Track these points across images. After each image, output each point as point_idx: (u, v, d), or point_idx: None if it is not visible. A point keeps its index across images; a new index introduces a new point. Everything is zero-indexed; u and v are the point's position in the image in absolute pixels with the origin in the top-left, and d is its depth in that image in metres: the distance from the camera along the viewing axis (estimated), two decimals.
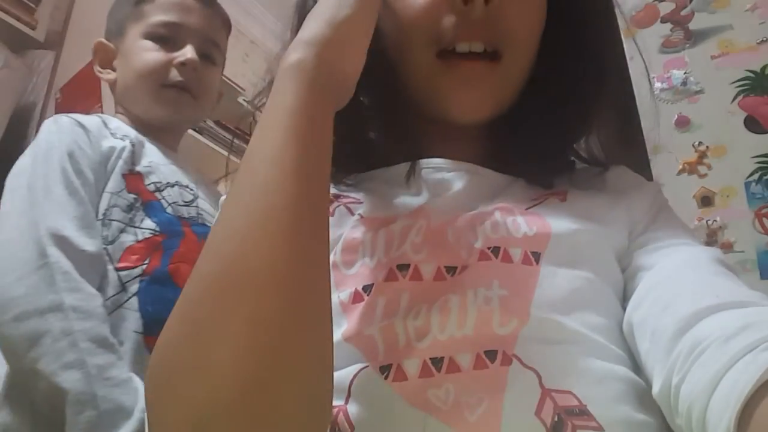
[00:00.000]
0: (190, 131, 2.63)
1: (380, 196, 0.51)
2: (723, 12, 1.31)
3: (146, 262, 0.80)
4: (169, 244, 0.83)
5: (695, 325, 0.37)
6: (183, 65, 0.94)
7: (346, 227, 0.47)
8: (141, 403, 0.66)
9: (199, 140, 2.54)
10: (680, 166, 1.27)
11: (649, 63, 1.31)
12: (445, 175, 0.51)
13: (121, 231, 0.81)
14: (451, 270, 0.43)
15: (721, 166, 1.23)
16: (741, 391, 0.30)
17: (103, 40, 1.02)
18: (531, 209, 0.48)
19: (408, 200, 0.50)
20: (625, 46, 0.71)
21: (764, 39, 1.26)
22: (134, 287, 0.78)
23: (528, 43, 0.52)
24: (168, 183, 0.90)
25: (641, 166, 1.22)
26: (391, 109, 0.56)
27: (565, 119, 0.54)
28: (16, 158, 0.86)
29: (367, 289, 0.43)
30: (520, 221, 0.46)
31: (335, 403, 0.39)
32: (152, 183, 0.88)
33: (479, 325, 0.40)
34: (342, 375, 0.40)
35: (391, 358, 0.39)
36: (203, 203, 0.94)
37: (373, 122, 0.55)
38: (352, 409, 0.38)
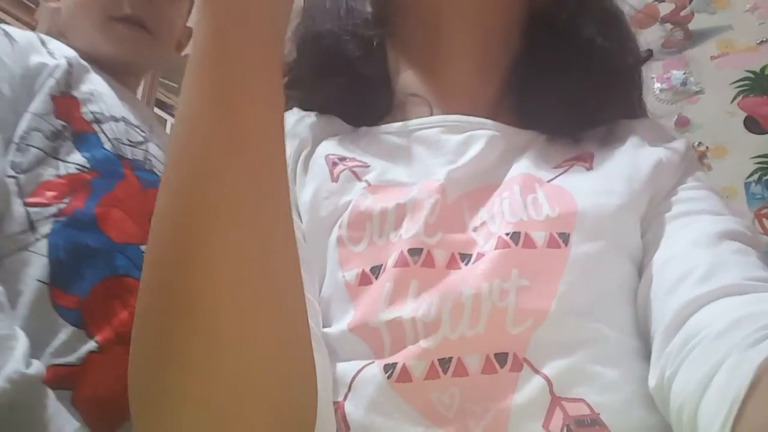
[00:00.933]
0: None
1: (390, 158, 0.48)
2: (723, 12, 1.31)
3: (66, 200, 0.66)
4: (101, 184, 0.69)
5: (692, 316, 0.36)
6: None
7: (352, 194, 0.44)
8: (12, 366, 0.54)
9: None
10: None
11: (649, 63, 1.31)
12: (461, 134, 0.47)
13: (41, 161, 0.67)
14: (466, 258, 0.41)
15: (720, 167, 1.23)
16: (733, 399, 0.30)
17: None
18: (554, 181, 0.45)
19: (421, 164, 0.47)
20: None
21: (764, 39, 1.26)
22: (45, 228, 0.64)
23: None
24: (112, 116, 0.76)
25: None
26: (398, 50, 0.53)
27: (586, 57, 0.50)
28: None
29: (375, 271, 0.41)
30: (541, 199, 0.43)
31: (334, 398, 0.38)
32: (91, 112, 0.74)
33: (491, 323, 0.38)
34: (346, 368, 0.39)
35: (397, 356, 0.38)
36: (155, 149, 0.80)
37: (382, 67, 0.52)
38: (350, 407, 0.37)
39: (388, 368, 0.37)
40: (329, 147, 0.48)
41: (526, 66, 0.51)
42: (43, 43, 0.76)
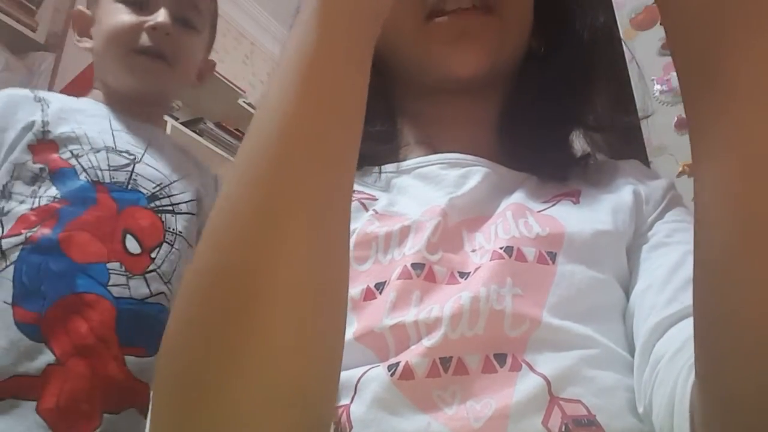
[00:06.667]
0: (190, 133, 2.63)
1: (395, 192, 0.51)
2: None
3: (34, 229, 0.75)
4: (69, 211, 0.77)
5: (658, 341, 0.38)
6: (154, 30, 0.88)
7: (359, 222, 0.46)
8: None
9: (200, 142, 2.54)
10: (680, 168, 1.27)
11: (648, 65, 1.31)
12: (460, 170, 0.50)
13: (21, 203, 0.77)
14: (465, 275, 0.43)
15: None
16: (686, 416, 0.31)
17: (81, 7, 0.98)
18: (544, 212, 0.48)
19: (423, 196, 0.49)
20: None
21: None
22: (14, 255, 0.73)
23: (521, 2, 0.53)
24: (93, 148, 0.83)
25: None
26: (389, 98, 0.56)
27: (567, 102, 0.54)
28: None
29: (379, 286, 0.42)
30: (531, 222, 0.45)
31: (342, 402, 0.39)
32: (69, 150, 0.82)
33: (490, 325, 0.39)
34: (351, 374, 0.39)
35: (401, 356, 0.39)
36: (143, 168, 0.86)
37: (379, 114, 0.55)
38: (355, 407, 0.38)
39: (392, 367, 0.38)
40: None
41: (517, 114, 0.55)
42: (36, 99, 0.86)
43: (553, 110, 0.54)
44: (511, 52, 0.54)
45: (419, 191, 0.50)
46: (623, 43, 1.34)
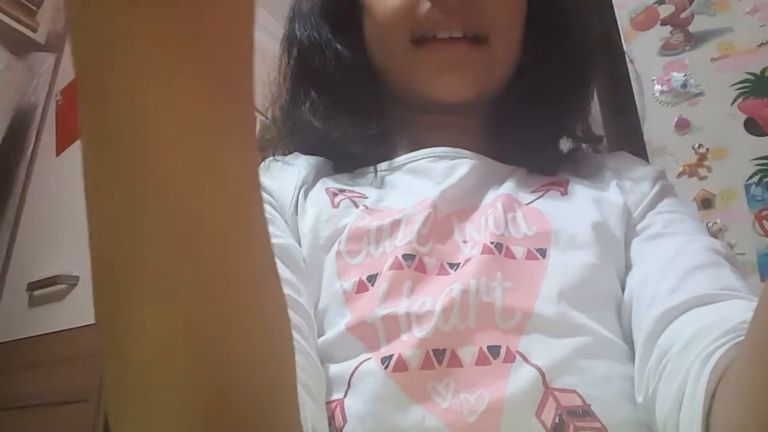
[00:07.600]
0: None
1: (385, 188, 0.51)
2: (723, 15, 1.31)
3: None
4: None
5: (663, 331, 0.37)
6: None
7: (350, 218, 0.47)
8: None
9: None
10: (680, 169, 1.26)
11: (648, 65, 1.31)
12: (448, 162, 0.51)
13: None
14: (454, 266, 0.44)
15: (721, 169, 1.23)
16: (699, 413, 0.31)
17: None
18: (532, 204, 0.48)
19: (413, 190, 0.50)
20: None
21: (764, 42, 1.26)
22: None
23: (511, 27, 0.53)
24: None
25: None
26: (382, 103, 0.57)
27: (558, 104, 0.55)
28: (17, 159, 0.85)
29: (371, 279, 0.43)
30: (519, 219, 0.46)
31: (335, 396, 0.39)
32: None
33: (481, 318, 0.39)
34: (344, 367, 0.39)
35: (393, 348, 0.39)
36: None
37: (374, 117, 0.55)
38: (350, 402, 0.38)
39: (385, 360, 0.38)
40: (328, 182, 0.52)
41: (505, 122, 0.56)
42: None
43: (542, 120, 0.55)
44: (499, 79, 0.55)
45: (409, 185, 0.51)
46: (623, 43, 1.34)
